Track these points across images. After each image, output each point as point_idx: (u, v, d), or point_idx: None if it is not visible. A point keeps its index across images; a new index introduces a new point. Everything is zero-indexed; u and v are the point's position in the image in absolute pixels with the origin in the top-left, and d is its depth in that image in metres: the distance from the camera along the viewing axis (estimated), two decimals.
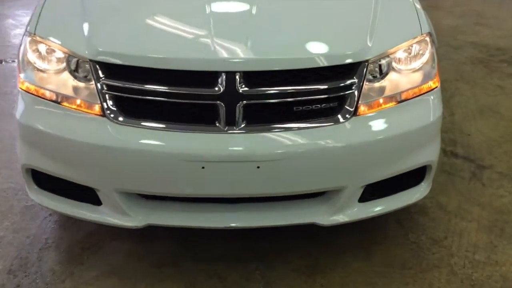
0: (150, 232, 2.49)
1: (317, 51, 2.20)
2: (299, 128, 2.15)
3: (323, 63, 2.15)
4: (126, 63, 2.12)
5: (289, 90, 2.14)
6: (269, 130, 2.14)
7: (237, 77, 2.09)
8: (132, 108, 2.16)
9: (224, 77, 2.09)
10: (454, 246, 2.69)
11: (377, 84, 2.30)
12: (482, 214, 2.93)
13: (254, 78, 2.12)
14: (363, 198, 2.34)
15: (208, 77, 2.10)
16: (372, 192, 2.34)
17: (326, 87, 2.16)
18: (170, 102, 2.13)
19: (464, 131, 3.81)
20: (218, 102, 2.10)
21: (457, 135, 3.76)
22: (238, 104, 2.11)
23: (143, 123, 2.13)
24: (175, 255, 2.59)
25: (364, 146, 2.18)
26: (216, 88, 2.09)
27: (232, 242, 2.65)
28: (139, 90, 2.13)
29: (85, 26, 2.26)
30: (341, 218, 2.32)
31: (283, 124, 2.15)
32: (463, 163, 3.42)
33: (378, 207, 2.39)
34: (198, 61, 2.10)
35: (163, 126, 2.13)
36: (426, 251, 2.64)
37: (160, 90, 2.11)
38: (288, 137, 2.13)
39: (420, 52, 2.41)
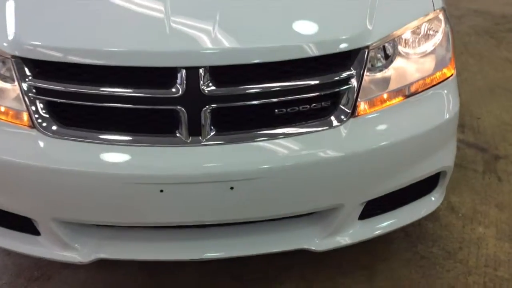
0: None
1: (305, 37, 1.71)
2: (283, 136, 1.70)
3: (312, 52, 1.67)
4: (56, 58, 1.63)
5: (269, 88, 1.66)
6: (245, 140, 1.68)
7: (201, 73, 1.62)
8: (68, 117, 1.69)
9: (184, 74, 1.61)
10: (471, 259, 2.27)
11: (380, 75, 1.84)
12: (500, 217, 2.51)
13: (224, 74, 1.65)
14: (364, 214, 1.90)
15: (163, 75, 1.63)
16: (375, 205, 1.90)
17: (316, 82, 1.69)
18: (116, 108, 1.67)
19: (473, 114, 3.36)
20: (177, 107, 1.64)
21: (465, 118, 3.31)
22: (204, 109, 1.64)
23: (81, 136, 1.67)
24: (140, 285, 2.16)
25: (365, 156, 1.73)
26: (174, 90, 1.62)
27: (208, 265, 2.22)
28: (74, 94, 1.65)
29: (4, 13, 1.76)
30: (337, 241, 1.88)
31: (262, 131, 1.69)
32: (475, 153, 2.98)
33: (383, 224, 1.95)
34: (148, 55, 1.61)
35: (108, 139, 1.66)
36: (438, 268, 2.23)
37: (102, 93, 1.63)
38: (269, 149, 1.68)
39: (432, 31, 1.94)
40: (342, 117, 1.74)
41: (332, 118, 1.73)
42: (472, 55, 4.22)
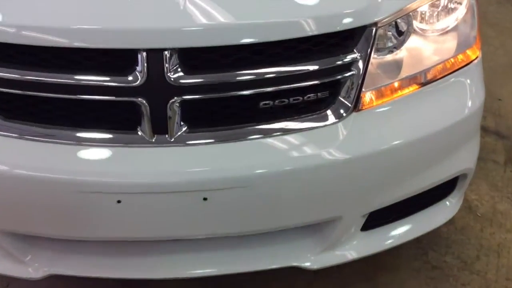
0: None
1: (297, 12, 1.36)
2: (268, 135, 1.39)
3: (307, 30, 1.33)
4: None
5: (252, 76, 1.34)
6: (221, 140, 1.37)
7: (166, 57, 1.29)
8: (8, 108, 1.38)
9: (144, 58, 1.29)
10: (490, 271, 1.97)
11: (390, 58, 1.51)
12: None
13: (195, 58, 1.32)
14: (368, 225, 1.60)
15: (119, 59, 1.31)
16: (380, 214, 1.60)
17: (311, 69, 1.36)
18: (63, 99, 1.35)
19: (493, 95, 3.00)
20: (137, 99, 1.32)
21: (485, 100, 2.96)
22: (171, 101, 1.33)
23: (20, 132, 1.36)
24: None
25: (369, 160, 1.41)
26: (131, 78, 1.30)
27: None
28: (12, 82, 1.33)
29: None
30: (335, 256, 1.57)
31: (242, 129, 1.38)
32: (495, 141, 2.65)
33: (390, 236, 1.65)
34: (98, 33, 1.28)
35: (54, 135, 1.36)
36: (452, 280, 1.93)
37: (45, 80, 1.31)
38: (251, 151, 1.37)
39: (454, 3, 1.60)
40: (342, 111, 1.42)
41: (329, 112, 1.41)
42: (492, 26, 3.82)
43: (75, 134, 1.35)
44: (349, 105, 1.42)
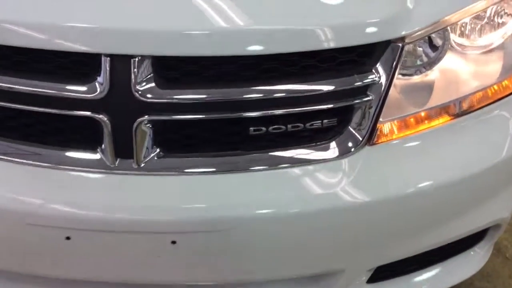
0: None
1: (307, 20, 1.07)
2: (254, 169, 1.12)
3: (316, 43, 1.05)
4: None
5: (243, 95, 1.07)
6: (198, 169, 1.11)
7: (134, 65, 1.03)
8: None
9: (108, 65, 1.03)
10: None
11: (418, 79, 1.22)
12: None
13: (172, 69, 1.06)
14: (376, 277, 1.33)
15: (76, 64, 1.05)
16: (390, 266, 1.32)
17: (319, 90, 1.09)
18: (7, 108, 1.09)
19: None
20: (98, 115, 1.06)
21: None
22: (139, 120, 1.07)
23: None
24: None
25: (380, 207, 1.13)
26: (85, 88, 1.04)
27: None
28: None
29: None
30: None
31: (224, 157, 1.12)
32: None
33: None
34: (51, 32, 1.01)
35: None
36: None
37: None
38: (232, 186, 1.10)
39: (502, 15, 1.30)
40: (350, 144, 1.14)
41: (333, 145, 1.13)
42: None
43: (18, 151, 1.10)
44: (360, 138, 1.14)
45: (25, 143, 1.10)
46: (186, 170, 1.11)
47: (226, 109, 1.08)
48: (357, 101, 1.12)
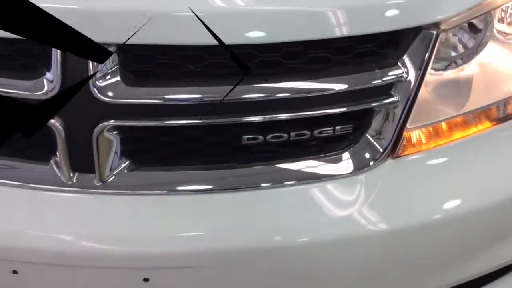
0: None
1: (315, 0, 0.84)
2: (248, 187, 0.89)
3: (330, 31, 0.82)
4: None
5: (233, 95, 0.83)
6: (177, 187, 0.88)
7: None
8: None
9: (59, 57, 0.80)
10: None
11: (452, 75, 0.99)
12: None
13: (142, 60, 0.83)
14: None
15: (21, 55, 0.83)
16: None
17: (330, 89, 0.85)
18: None
19: None
20: (48, 120, 0.83)
21: None
22: (102, 125, 0.84)
23: None
24: None
25: (407, 237, 0.90)
26: (29, 84, 0.82)
27: None
28: None
29: None
30: None
31: (210, 172, 0.89)
32: None
33: None
34: None
35: None
36: None
37: None
38: (221, 208, 0.87)
39: None
40: (367, 156, 0.91)
41: (345, 156, 0.90)
42: None
43: None
44: (381, 148, 0.91)
45: None
46: (161, 188, 0.89)
47: (212, 112, 0.85)
48: (378, 103, 0.88)
